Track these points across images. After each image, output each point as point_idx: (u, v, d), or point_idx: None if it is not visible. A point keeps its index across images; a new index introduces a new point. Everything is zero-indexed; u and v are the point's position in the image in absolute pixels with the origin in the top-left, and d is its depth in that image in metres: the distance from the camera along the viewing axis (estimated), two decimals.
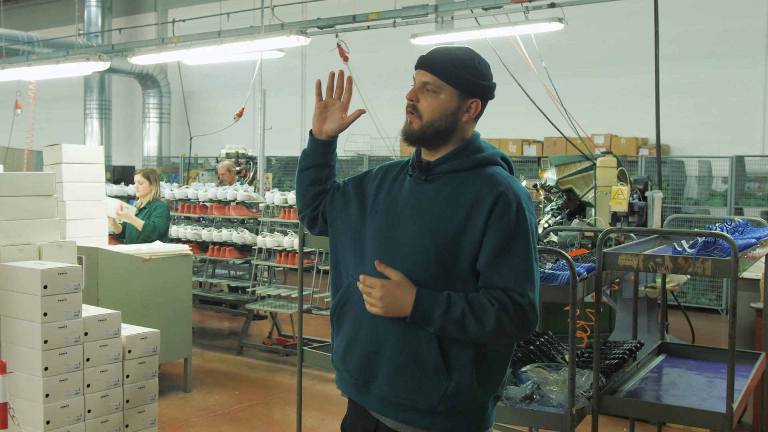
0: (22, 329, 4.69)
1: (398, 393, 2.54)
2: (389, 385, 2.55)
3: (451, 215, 2.52)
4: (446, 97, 2.58)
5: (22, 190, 5.07)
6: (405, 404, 2.54)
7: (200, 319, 10.23)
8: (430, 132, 2.59)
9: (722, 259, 3.65)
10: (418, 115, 2.59)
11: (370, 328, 2.57)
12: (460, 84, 2.58)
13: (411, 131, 2.61)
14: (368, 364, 2.59)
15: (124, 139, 20.35)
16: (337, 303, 2.69)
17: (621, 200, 6.32)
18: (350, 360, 2.63)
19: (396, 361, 2.53)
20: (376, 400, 2.60)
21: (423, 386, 2.52)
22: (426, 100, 2.59)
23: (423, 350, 2.51)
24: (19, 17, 20.91)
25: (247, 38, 9.40)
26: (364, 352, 2.59)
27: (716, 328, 10.40)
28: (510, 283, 2.46)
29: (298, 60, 16.81)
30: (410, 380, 2.53)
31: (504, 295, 2.45)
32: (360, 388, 2.63)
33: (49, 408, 4.61)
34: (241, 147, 10.12)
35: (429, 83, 2.58)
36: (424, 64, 2.60)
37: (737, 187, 11.27)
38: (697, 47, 12.71)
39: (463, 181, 2.57)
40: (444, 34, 9.60)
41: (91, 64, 10.72)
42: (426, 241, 2.51)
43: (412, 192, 2.61)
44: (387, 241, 2.57)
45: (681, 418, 3.87)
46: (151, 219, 7.64)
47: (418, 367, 2.52)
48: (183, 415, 6.44)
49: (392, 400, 2.56)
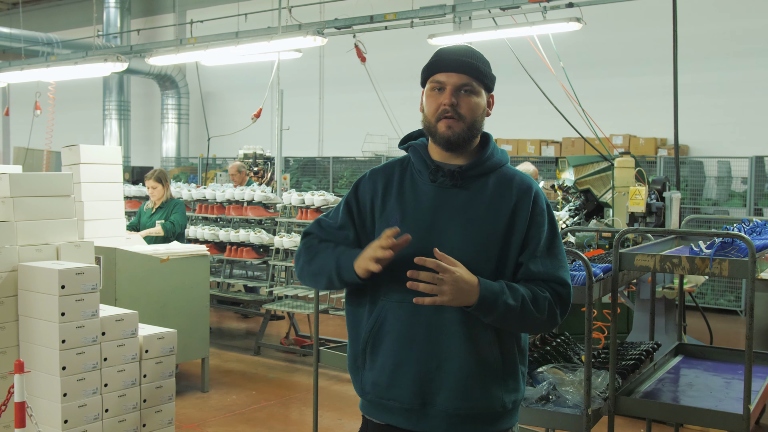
0: (40, 329, 4.72)
1: (469, 404, 2.50)
2: (457, 398, 2.49)
3: (495, 220, 2.54)
4: (481, 96, 2.60)
5: (40, 190, 5.10)
6: (475, 414, 2.52)
7: (218, 319, 10.26)
8: (472, 134, 2.59)
9: (739, 259, 3.62)
10: (459, 118, 2.55)
11: (425, 344, 2.50)
12: (486, 80, 2.61)
13: (456, 135, 2.55)
14: (426, 383, 2.50)
15: (143, 140, 20.45)
16: (371, 328, 2.58)
17: (639, 201, 6.29)
18: (402, 385, 2.52)
19: (462, 371, 2.49)
20: (440, 421, 2.52)
21: (492, 391, 2.52)
22: (465, 101, 2.56)
23: (487, 354, 2.51)
24: (38, 18, 21.05)
25: (265, 39, 9.43)
26: (421, 372, 2.50)
27: (735, 329, 10.33)
28: (553, 273, 2.55)
29: (316, 60, 16.83)
30: (479, 388, 2.51)
31: (548, 285, 2.53)
32: (416, 413, 2.53)
33: (67, 407, 4.63)
34: (259, 147, 10.15)
35: (467, 85, 2.56)
36: (457, 67, 2.56)
37: (757, 187, 11.19)
38: (716, 47, 12.63)
39: (493, 183, 2.59)
40: (462, 35, 9.58)
41: (110, 65, 10.78)
42: (475, 248, 2.50)
43: (440, 198, 2.57)
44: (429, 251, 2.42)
45: (698, 419, 3.85)
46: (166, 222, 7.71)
47: (485, 372, 2.51)
48: (200, 414, 6.46)
49: (461, 414, 2.50)
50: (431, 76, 2.60)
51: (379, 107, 10.05)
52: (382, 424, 2.61)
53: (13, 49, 15.89)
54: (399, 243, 2.41)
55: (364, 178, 2.72)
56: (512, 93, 12.23)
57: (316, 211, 8.08)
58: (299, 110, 16.49)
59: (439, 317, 2.50)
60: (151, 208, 8.08)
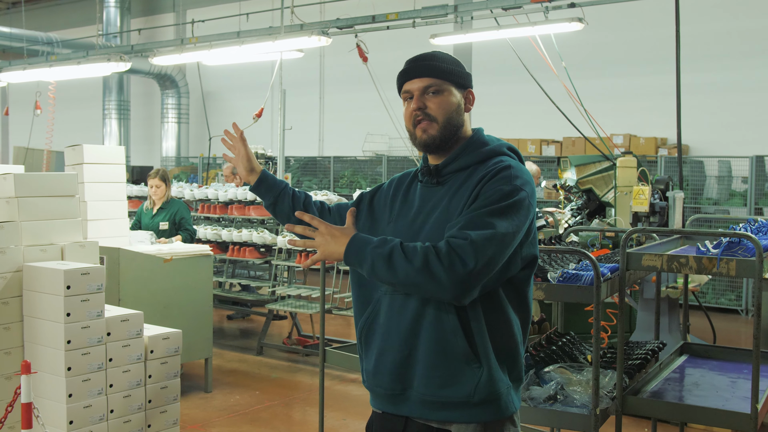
0: (46, 329, 4.72)
1: (435, 391, 2.53)
2: (426, 384, 2.53)
3: (459, 202, 2.54)
4: (450, 94, 2.62)
5: (45, 190, 5.10)
6: (443, 401, 2.53)
7: (219, 319, 10.26)
8: (449, 132, 2.61)
9: (747, 259, 3.62)
10: (432, 120, 2.60)
11: (399, 333, 2.56)
12: (454, 78, 2.63)
13: (431, 137, 2.61)
14: (402, 369, 2.57)
15: (143, 140, 20.44)
16: (366, 319, 2.67)
17: (642, 200, 6.29)
18: (383, 371, 2.60)
19: (428, 359, 2.52)
20: (416, 405, 2.57)
21: (458, 379, 2.52)
22: (433, 101, 2.61)
23: (450, 341, 2.50)
24: (38, 18, 21.04)
25: (269, 39, 9.42)
26: (396, 359, 2.57)
27: (736, 328, 10.35)
28: (455, 230, 2.41)
29: (317, 60, 16.83)
30: (444, 375, 2.52)
31: (444, 242, 2.40)
32: (397, 398, 2.60)
33: (72, 408, 4.63)
34: (260, 147, 10.12)
35: (430, 85, 2.61)
36: (418, 72, 2.63)
37: (757, 186, 11.20)
38: (717, 47, 12.64)
39: (470, 174, 2.59)
40: (463, 34, 9.59)
41: (112, 64, 10.77)
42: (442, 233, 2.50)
43: (425, 196, 2.64)
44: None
45: (705, 418, 3.85)
46: (182, 230, 7.70)
47: (450, 360, 2.51)
48: (204, 415, 6.46)
49: (431, 400, 2.54)
50: (401, 89, 2.68)
51: (379, 107, 10.02)
52: (378, 411, 2.71)
53: (13, 49, 15.87)
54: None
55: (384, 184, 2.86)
56: (513, 93, 12.27)
57: None
58: (300, 110, 16.48)
59: (415, 308, 2.53)
60: (152, 209, 7.96)
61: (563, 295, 3.75)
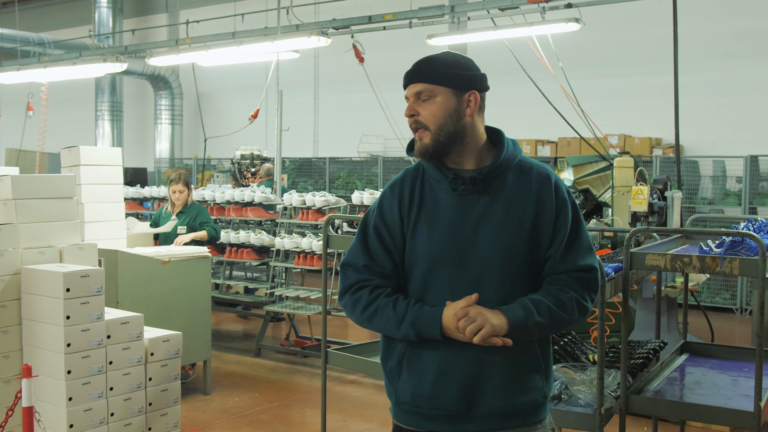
0: (45, 333, 4.69)
1: (513, 400, 2.55)
2: (502, 396, 2.54)
3: (522, 217, 2.54)
4: (442, 98, 2.56)
5: (43, 192, 5.07)
6: (519, 409, 2.56)
7: (216, 321, 10.22)
8: (443, 138, 2.55)
9: (750, 258, 3.63)
10: (424, 128, 2.56)
11: (466, 352, 2.52)
12: (450, 81, 2.56)
13: (425, 147, 2.57)
14: (472, 388, 2.53)
15: (136, 141, 20.39)
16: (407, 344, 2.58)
17: (641, 200, 6.30)
18: (446, 394, 2.54)
19: (505, 371, 2.54)
20: (485, 420, 2.55)
21: (533, 384, 2.58)
22: (425, 108, 2.57)
23: (528, 349, 2.57)
24: (29, 18, 20.95)
25: (266, 39, 9.40)
26: (467, 378, 2.53)
27: (731, 326, 10.38)
28: (578, 263, 2.58)
29: (312, 61, 16.80)
30: (522, 384, 2.56)
31: (573, 280, 2.57)
32: (461, 417, 2.55)
33: (73, 411, 4.61)
34: (256, 148, 10.12)
35: (422, 91, 2.56)
36: (411, 77, 2.60)
37: (751, 186, 11.24)
38: (711, 47, 12.67)
39: (513, 180, 2.58)
40: (460, 35, 9.59)
41: (108, 65, 10.74)
42: (504, 249, 2.51)
43: (462, 206, 2.55)
44: (462, 260, 2.52)
45: (708, 416, 3.85)
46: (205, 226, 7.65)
47: (526, 367, 2.57)
48: (203, 417, 6.44)
49: (506, 411, 2.55)
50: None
51: (375, 108, 10.03)
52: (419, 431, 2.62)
53: (5, 50, 15.80)
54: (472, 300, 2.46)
55: (385, 197, 2.68)
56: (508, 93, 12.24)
57: (317, 212, 8.07)
58: (294, 111, 16.45)
59: None
60: (171, 212, 7.83)
61: None
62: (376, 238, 2.64)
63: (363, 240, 2.67)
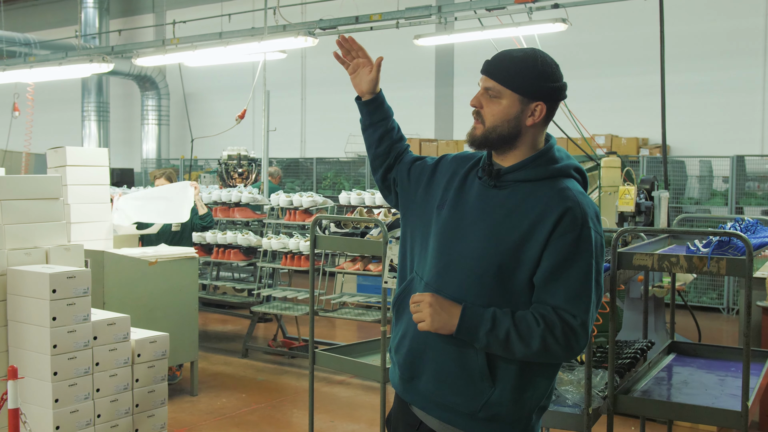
0: (31, 334, 4.67)
1: (441, 393, 2.55)
2: (433, 384, 2.56)
3: (514, 225, 2.46)
4: (508, 102, 2.51)
5: (29, 193, 5.05)
6: (447, 405, 2.55)
7: (204, 322, 10.19)
8: (493, 137, 2.53)
9: (737, 258, 3.63)
10: (481, 121, 2.55)
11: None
12: (522, 88, 2.50)
13: (474, 137, 2.57)
14: (415, 359, 2.61)
15: (123, 142, 20.32)
16: (399, 294, 2.70)
17: (628, 200, 6.32)
18: (400, 352, 2.66)
19: (441, 362, 2.54)
20: (420, 397, 2.61)
21: (466, 391, 2.51)
22: (489, 105, 2.54)
23: (470, 357, 2.49)
24: (15, 18, 20.84)
25: (254, 39, 9.38)
26: (412, 348, 2.61)
27: (718, 326, 10.42)
28: (562, 302, 2.40)
29: (299, 61, 16.78)
30: (454, 384, 2.53)
31: (554, 314, 2.39)
32: (405, 383, 2.65)
33: (59, 413, 4.59)
34: (243, 149, 10.08)
35: (490, 88, 2.53)
36: (487, 70, 2.56)
37: (738, 186, 11.29)
38: (697, 48, 12.73)
39: (532, 191, 2.49)
40: (447, 35, 9.60)
41: (94, 65, 10.69)
42: (487, 249, 2.47)
43: (480, 196, 2.56)
44: (449, 243, 2.55)
45: (696, 416, 3.86)
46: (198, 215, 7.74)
47: (463, 372, 2.51)
48: (191, 418, 6.41)
49: (435, 399, 2.57)
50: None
51: None
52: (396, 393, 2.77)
53: None
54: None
55: (446, 158, 2.78)
56: None
57: (304, 213, 8.05)
58: (281, 111, 16.43)
59: None
60: None
61: None
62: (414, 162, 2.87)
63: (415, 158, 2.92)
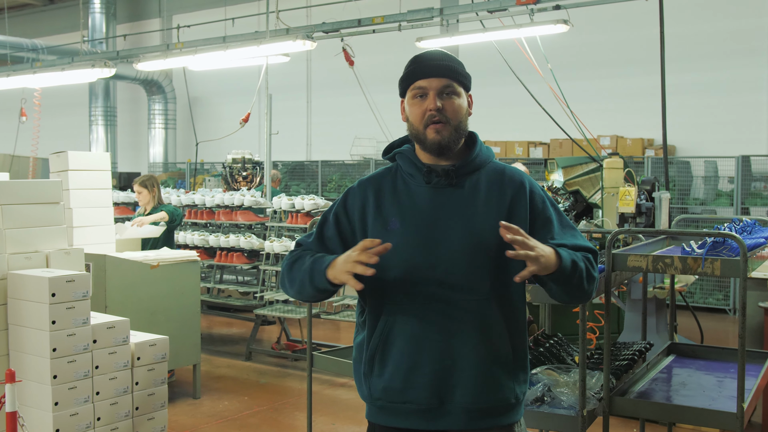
0: (31, 338, 4.69)
1: (485, 398, 2.54)
2: (473, 393, 2.53)
3: (494, 215, 2.55)
4: (461, 97, 2.64)
5: (29, 197, 5.07)
6: (492, 407, 2.56)
7: (208, 324, 10.22)
8: (458, 135, 2.62)
9: (731, 259, 3.63)
10: (446, 122, 2.58)
11: (438, 344, 2.53)
12: (465, 82, 2.66)
13: (444, 139, 2.58)
14: (443, 381, 2.53)
15: (130, 146, 20.38)
16: (380, 337, 2.59)
17: (628, 201, 6.30)
18: (418, 387, 2.54)
19: (477, 367, 2.53)
20: (458, 417, 2.54)
21: (506, 383, 2.57)
22: (449, 104, 2.60)
23: (500, 347, 2.56)
24: (23, 25, 20.95)
25: (253, 43, 9.41)
26: (437, 371, 2.53)
27: (724, 327, 10.38)
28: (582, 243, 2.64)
29: (304, 64, 16.81)
30: (494, 382, 2.55)
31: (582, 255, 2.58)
32: (434, 412, 2.55)
33: (59, 416, 4.60)
34: (248, 152, 10.10)
35: (448, 87, 2.59)
36: (439, 71, 2.60)
37: (743, 186, 11.24)
38: (703, 47, 12.69)
39: (486, 177, 2.63)
40: (449, 37, 9.59)
41: (96, 70, 10.72)
42: (478, 242, 2.53)
43: (437, 198, 2.59)
44: (433, 250, 2.54)
45: (692, 418, 3.85)
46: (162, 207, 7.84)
47: (498, 365, 2.56)
48: (192, 421, 6.43)
49: (479, 408, 2.54)
50: (411, 84, 2.63)
51: (367, 110, 10.04)
52: (392, 427, 2.62)
53: None
54: (378, 251, 2.39)
55: (353, 189, 2.73)
56: (500, 95, 12.26)
57: (306, 215, 8.07)
58: (287, 114, 16.47)
59: (450, 316, 2.53)
60: (143, 214, 8.07)
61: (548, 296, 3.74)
62: (334, 224, 2.70)
63: (320, 226, 2.75)
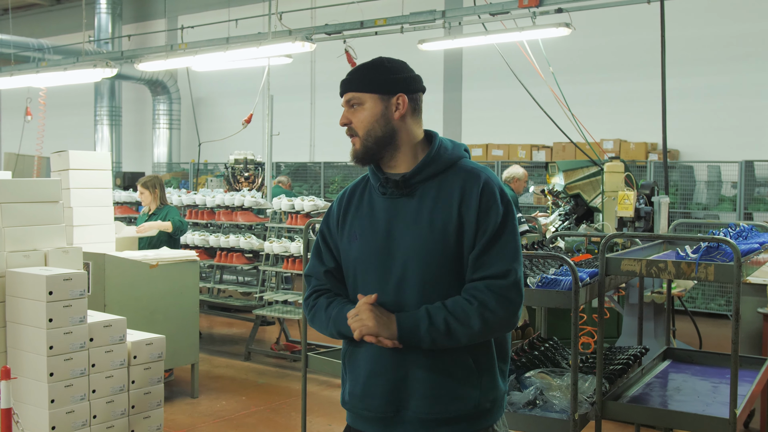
0: (28, 335, 4.71)
1: (439, 408, 2.52)
2: (428, 402, 2.52)
3: (444, 218, 2.52)
4: (370, 104, 2.62)
5: (28, 196, 5.10)
6: (448, 417, 2.54)
7: (208, 324, 10.24)
8: (371, 144, 2.61)
9: (725, 264, 3.63)
10: (355, 134, 2.63)
11: (393, 354, 2.53)
12: (375, 86, 2.63)
13: (356, 152, 2.64)
14: (397, 391, 2.55)
15: (134, 146, 20.42)
16: (349, 343, 2.65)
17: (627, 205, 6.31)
18: (374, 394, 2.57)
19: (430, 378, 2.52)
20: (413, 426, 2.55)
21: (461, 392, 2.53)
22: (355, 116, 2.64)
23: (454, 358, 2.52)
24: (30, 24, 21.01)
25: (254, 44, 9.44)
26: (391, 380, 2.55)
27: (725, 333, 10.33)
28: (493, 271, 2.48)
29: (307, 66, 16.83)
30: (448, 393, 2.53)
31: (484, 288, 2.47)
32: (390, 421, 2.57)
33: (55, 414, 4.63)
34: (250, 153, 10.12)
35: (351, 99, 2.64)
36: (342, 87, 2.68)
37: (746, 191, 11.21)
38: (707, 51, 12.67)
39: (442, 183, 2.58)
40: (451, 40, 9.61)
41: (99, 70, 10.76)
42: (431, 250, 2.51)
43: (392, 208, 2.60)
44: (387, 263, 2.56)
45: (684, 423, 3.85)
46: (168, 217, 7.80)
47: (453, 377, 2.53)
48: (190, 420, 6.45)
49: (432, 418, 2.53)
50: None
51: None
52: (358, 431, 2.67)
53: (3, 55, 15.84)
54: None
55: (337, 198, 2.80)
56: (503, 98, 12.28)
57: (306, 216, 8.08)
58: (290, 115, 16.49)
59: None
60: (147, 214, 8.10)
61: (542, 300, 3.75)
62: (322, 242, 2.76)
63: (316, 248, 2.80)
